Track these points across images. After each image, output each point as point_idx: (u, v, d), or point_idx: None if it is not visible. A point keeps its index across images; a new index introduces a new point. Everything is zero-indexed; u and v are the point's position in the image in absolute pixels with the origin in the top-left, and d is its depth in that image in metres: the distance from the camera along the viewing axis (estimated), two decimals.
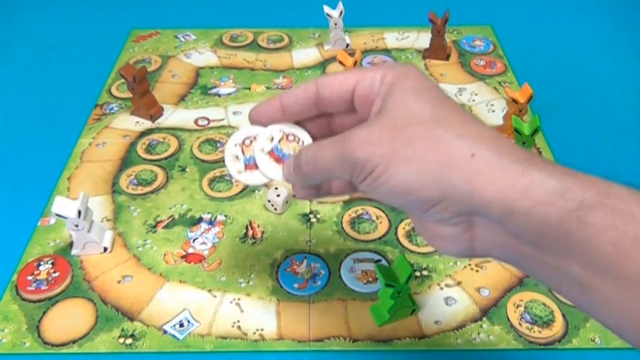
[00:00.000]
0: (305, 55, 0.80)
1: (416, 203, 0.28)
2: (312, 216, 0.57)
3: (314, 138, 0.36)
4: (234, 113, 0.70)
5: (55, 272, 0.51)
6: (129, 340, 0.46)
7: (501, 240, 0.28)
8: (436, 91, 0.30)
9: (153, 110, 0.69)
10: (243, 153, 0.36)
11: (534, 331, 0.47)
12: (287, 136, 0.36)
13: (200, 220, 0.56)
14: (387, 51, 0.81)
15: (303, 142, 0.36)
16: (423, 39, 0.82)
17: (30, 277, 0.51)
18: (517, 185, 0.26)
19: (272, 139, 0.35)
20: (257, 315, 0.48)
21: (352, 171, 0.29)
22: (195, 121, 0.69)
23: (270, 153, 0.35)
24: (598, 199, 0.25)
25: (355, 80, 0.32)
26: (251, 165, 0.36)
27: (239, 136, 0.36)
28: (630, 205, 0.25)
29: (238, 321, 0.48)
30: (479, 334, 0.47)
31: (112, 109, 0.71)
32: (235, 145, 0.36)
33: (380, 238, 0.54)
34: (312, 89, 0.33)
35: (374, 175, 0.28)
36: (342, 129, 0.32)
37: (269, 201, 0.56)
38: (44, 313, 0.48)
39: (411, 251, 0.53)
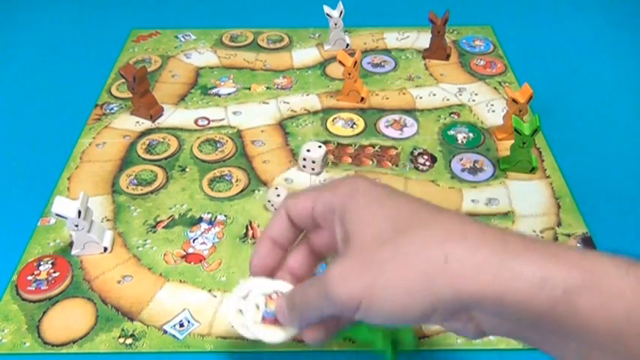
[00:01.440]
0: (305, 55, 0.80)
1: (412, 320, 0.29)
2: None
3: (319, 252, 0.37)
4: (234, 113, 0.70)
5: (55, 272, 0.51)
6: (129, 340, 0.46)
7: (503, 325, 0.28)
8: (387, 197, 0.31)
9: (153, 110, 0.69)
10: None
11: None
12: (269, 296, 0.37)
13: (200, 220, 0.56)
14: (387, 51, 0.81)
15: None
16: (423, 39, 0.82)
17: (30, 277, 0.51)
18: (499, 280, 0.26)
19: (257, 306, 0.36)
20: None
21: (341, 310, 0.30)
22: (195, 121, 0.69)
23: (264, 320, 0.36)
24: (583, 282, 0.25)
25: (310, 205, 0.34)
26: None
27: (236, 299, 0.38)
28: (616, 281, 0.25)
29: None
30: None
31: (112, 109, 0.71)
32: (238, 309, 0.38)
33: None
34: (284, 214, 0.36)
35: (362, 310, 0.29)
36: (326, 240, 0.35)
37: (269, 201, 0.56)
38: (44, 313, 0.48)
39: None
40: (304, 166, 0.61)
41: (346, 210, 0.31)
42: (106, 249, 0.53)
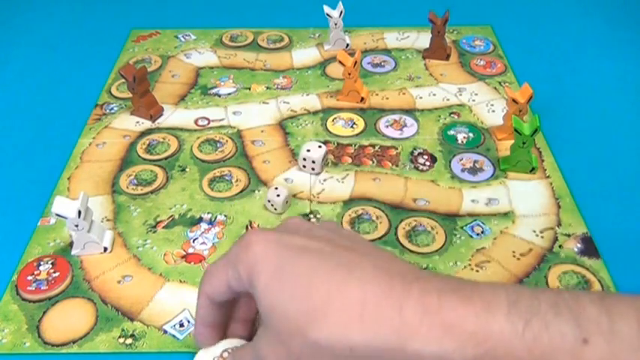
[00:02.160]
0: (305, 55, 0.80)
1: None
2: (312, 216, 0.57)
3: None
4: (234, 113, 0.70)
5: (55, 272, 0.51)
6: (129, 340, 0.46)
7: None
8: (287, 270, 0.31)
9: (153, 110, 0.69)
10: None
11: None
12: (221, 356, 0.39)
13: (200, 220, 0.56)
14: (387, 51, 0.81)
15: None
16: (423, 39, 0.82)
17: (30, 277, 0.51)
18: None
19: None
20: None
21: None
22: (195, 121, 0.69)
23: None
24: (475, 356, 0.26)
25: (225, 284, 0.35)
26: None
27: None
28: (510, 346, 0.25)
29: None
30: None
31: (112, 109, 0.71)
32: None
33: (380, 238, 0.54)
34: (206, 300, 0.37)
35: None
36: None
37: (269, 201, 0.56)
38: (44, 313, 0.48)
39: (411, 251, 0.53)
40: (304, 166, 0.61)
41: (254, 291, 0.32)
42: (106, 249, 0.53)
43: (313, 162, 0.60)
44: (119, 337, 0.47)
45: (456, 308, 0.27)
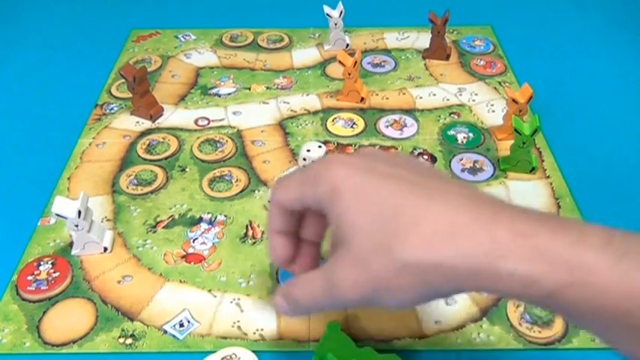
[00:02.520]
0: (305, 55, 0.80)
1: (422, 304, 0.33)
2: None
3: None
4: (234, 113, 0.70)
5: (55, 272, 0.51)
6: (129, 340, 0.46)
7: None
8: (372, 189, 0.31)
9: (153, 110, 0.69)
10: None
11: (534, 331, 0.47)
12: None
13: (200, 220, 0.56)
14: (387, 51, 0.81)
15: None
16: (423, 39, 0.82)
17: (30, 277, 0.51)
18: (491, 282, 0.27)
19: None
20: (257, 315, 0.48)
21: (359, 305, 0.32)
22: (195, 121, 0.69)
23: None
24: (569, 281, 0.26)
25: (298, 197, 0.34)
26: None
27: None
28: (603, 277, 0.26)
29: (238, 321, 0.48)
30: (479, 334, 0.47)
31: (112, 109, 0.71)
32: None
33: None
34: (277, 207, 0.37)
35: (371, 305, 0.31)
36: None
37: (269, 201, 0.56)
38: (44, 313, 0.48)
39: None
40: (304, 166, 0.61)
41: (333, 209, 0.32)
42: (106, 249, 0.53)
43: (313, 162, 0.60)
44: (119, 337, 0.47)
45: (548, 234, 0.27)
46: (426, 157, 0.63)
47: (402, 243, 0.28)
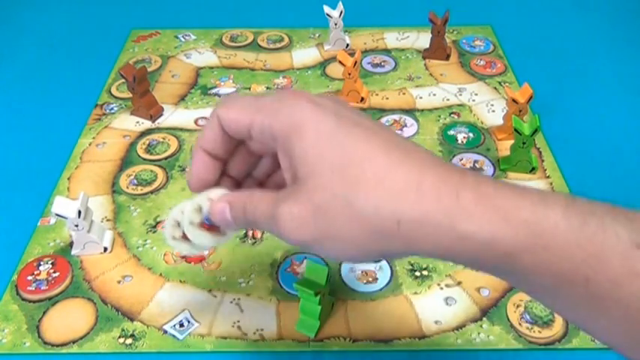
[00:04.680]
0: (305, 55, 0.80)
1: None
2: None
3: (258, 154, 0.35)
4: None
5: (55, 272, 0.51)
6: (129, 340, 0.46)
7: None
8: (337, 134, 0.29)
9: (153, 110, 0.69)
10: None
11: (534, 331, 0.47)
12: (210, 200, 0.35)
13: None
14: (387, 51, 0.81)
15: None
16: (423, 39, 0.82)
17: (30, 277, 0.51)
18: (449, 242, 0.26)
19: (200, 209, 0.34)
20: (257, 315, 0.48)
21: (293, 244, 0.30)
22: (195, 121, 0.69)
23: (202, 224, 0.34)
24: (527, 243, 0.26)
25: (246, 122, 0.31)
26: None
27: (177, 212, 0.35)
28: (563, 241, 0.25)
29: (238, 321, 0.48)
30: (479, 334, 0.47)
31: (112, 109, 0.71)
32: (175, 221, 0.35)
33: None
34: (217, 124, 0.33)
35: (313, 250, 0.30)
36: (265, 154, 0.34)
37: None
38: (44, 313, 0.48)
39: None
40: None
41: (291, 145, 0.29)
42: (106, 249, 0.53)
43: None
44: (119, 337, 0.47)
45: (511, 197, 0.26)
46: None
47: (364, 194, 0.27)
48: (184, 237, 0.35)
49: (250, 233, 0.55)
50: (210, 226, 0.34)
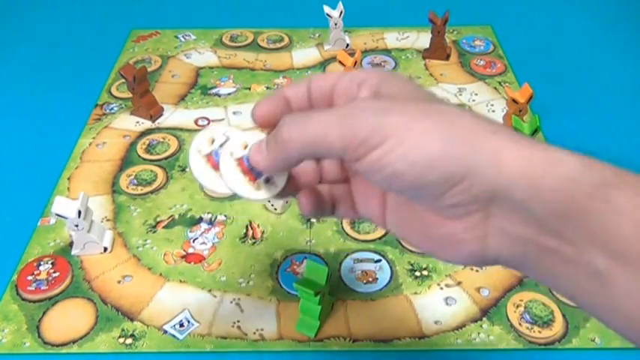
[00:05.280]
0: (305, 55, 0.80)
1: (434, 184, 0.25)
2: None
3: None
4: (234, 113, 0.70)
5: (55, 272, 0.51)
6: (129, 340, 0.46)
7: (519, 232, 0.25)
8: (419, 90, 0.28)
9: (153, 110, 0.69)
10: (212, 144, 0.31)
11: (534, 331, 0.47)
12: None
13: (200, 220, 0.56)
14: (387, 51, 0.81)
15: None
16: (423, 39, 0.82)
17: (30, 277, 0.51)
18: (542, 162, 0.25)
19: (246, 146, 0.30)
20: (257, 315, 0.48)
21: (351, 143, 0.25)
22: (196, 121, 0.69)
23: (240, 161, 0.30)
24: (619, 179, 0.25)
25: (334, 81, 0.29)
26: (214, 163, 0.31)
27: (204, 139, 0.31)
28: None
29: (238, 321, 0.48)
30: (479, 334, 0.47)
31: (112, 109, 0.71)
32: (206, 139, 0.31)
33: (380, 238, 0.54)
34: (306, 85, 0.30)
35: (384, 149, 0.24)
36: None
37: (269, 201, 0.56)
38: (44, 313, 0.48)
39: (411, 251, 0.53)
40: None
41: (381, 84, 0.28)
42: (106, 249, 0.53)
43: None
44: (119, 337, 0.47)
45: (541, 149, 0.25)
46: None
47: (456, 114, 0.25)
48: (210, 160, 0.30)
49: (250, 233, 0.55)
50: (246, 169, 0.30)
